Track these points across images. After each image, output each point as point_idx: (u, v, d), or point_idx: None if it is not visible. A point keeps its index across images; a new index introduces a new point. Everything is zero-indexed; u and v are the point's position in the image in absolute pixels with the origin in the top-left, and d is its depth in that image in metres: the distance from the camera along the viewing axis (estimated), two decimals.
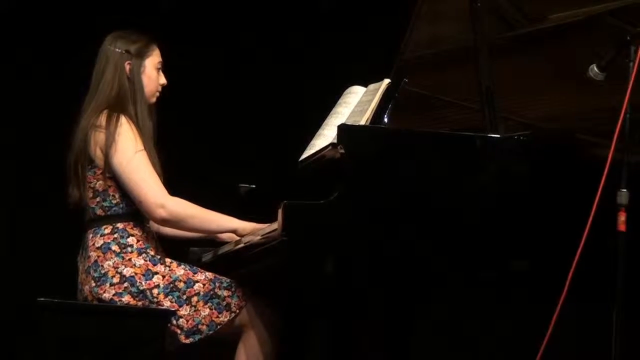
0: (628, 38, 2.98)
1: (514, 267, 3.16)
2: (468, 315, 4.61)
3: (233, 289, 3.35)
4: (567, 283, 2.90)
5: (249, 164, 4.72)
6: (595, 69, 3.10)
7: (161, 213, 3.30)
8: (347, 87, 3.58)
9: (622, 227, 2.89)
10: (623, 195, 2.90)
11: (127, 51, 3.41)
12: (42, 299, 3.23)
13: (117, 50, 3.41)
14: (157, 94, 3.48)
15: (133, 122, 3.35)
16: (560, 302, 2.89)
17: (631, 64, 2.94)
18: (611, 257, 2.91)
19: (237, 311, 3.34)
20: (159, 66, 3.47)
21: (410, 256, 3.08)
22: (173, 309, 3.27)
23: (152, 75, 3.45)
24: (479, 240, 3.11)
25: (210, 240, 3.63)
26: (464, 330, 4.72)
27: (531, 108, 3.67)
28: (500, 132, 3.25)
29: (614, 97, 3.03)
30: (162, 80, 3.49)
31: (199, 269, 3.37)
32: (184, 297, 3.30)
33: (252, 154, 4.85)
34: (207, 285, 3.32)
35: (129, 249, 3.33)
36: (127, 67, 3.41)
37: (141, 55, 3.43)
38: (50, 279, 4.48)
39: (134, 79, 3.40)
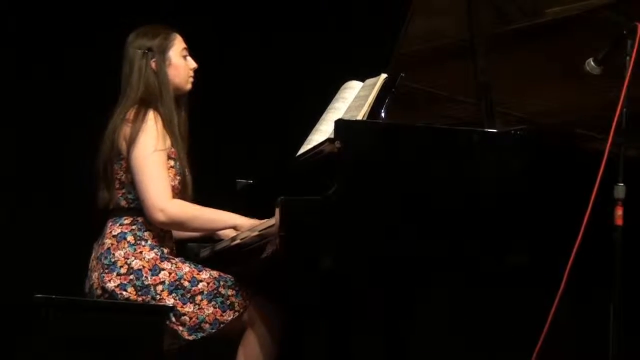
0: (624, 32, 2.98)
1: (513, 261, 3.16)
2: (468, 310, 4.61)
3: (237, 288, 3.35)
4: (565, 276, 2.90)
5: (247, 159, 4.73)
6: (592, 62, 3.11)
7: (160, 217, 3.31)
8: (344, 82, 3.57)
9: (619, 221, 2.89)
10: (620, 190, 2.90)
11: (150, 49, 3.43)
12: (39, 295, 3.23)
13: (139, 51, 3.43)
14: (191, 79, 3.50)
15: (163, 117, 3.37)
16: (559, 295, 2.90)
17: (628, 58, 2.95)
18: (609, 251, 2.92)
19: (241, 310, 3.34)
20: (185, 53, 3.49)
21: (409, 251, 3.08)
22: (170, 305, 3.28)
23: (179, 64, 3.46)
24: (478, 234, 3.11)
25: (208, 236, 3.63)
26: (464, 326, 4.72)
27: (528, 102, 3.66)
28: (498, 127, 3.25)
29: (611, 91, 3.03)
30: (192, 64, 3.50)
31: (204, 267, 3.37)
32: (188, 295, 3.30)
33: (250, 150, 4.85)
34: (211, 284, 3.33)
35: (143, 242, 3.35)
36: (153, 64, 3.42)
37: (163, 49, 3.44)
38: (49, 276, 4.48)
39: (161, 75, 3.41)
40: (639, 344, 3.44)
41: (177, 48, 3.47)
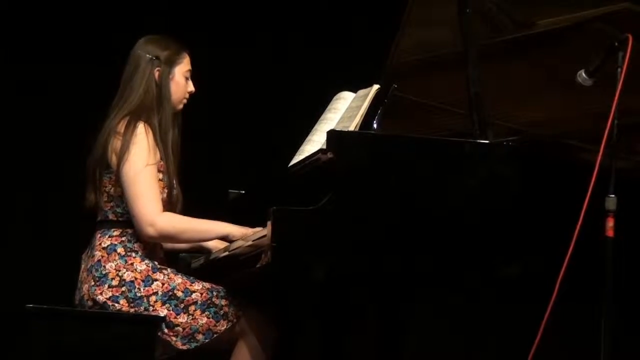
0: (616, 44, 2.99)
1: (504, 272, 3.16)
2: (458, 318, 4.62)
3: (230, 299, 3.35)
4: (556, 288, 2.90)
5: (239, 169, 4.72)
6: (584, 74, 3.12)
7: (150, 231, 3.31)
8: (337, 93, 3.58)
9: (610, 232, 2.90)
10: (611, 201, 2.91)
11: (157, 57, 3.42)
12: (30, 305, 3.22)
13: (147, 55, 3.42)
14: (185, 101, 3.50)
15: (153, 130, 3.37)
16: (549, 307, 2.90)
17: (619, 69, 2.96)
18: (601, 262, 2.93)
19: (235, 320, 3.34)
20: (188, 74, 3.49)
21: (400, 261, 3.08)
22: (162, 315, 3.27)
23: (180, 82, 3.46)
24: (468, 244, 3.11)
25: (197, 249, 3.63)
26: (456, 333, 4.73)
27: (520, 113, 3.68)
28: (490, 138, 3.26)
29: (603, 103, 3.04)
30: (191, 87, 3.50)
31: (196, 279, 3.37)
32: (182, 305, 3.30)
33: (242, 160, 4.85)
34: (204, 295, 3.32)
35: (134, 254, 3.34)
36: (157, 74, 3.42)
37: (171, 62, 3.44)
38: (40, 286, 4.47)
39: (162, 86, 3.41)
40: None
41: (183, 67, 3.47)
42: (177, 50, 3.46)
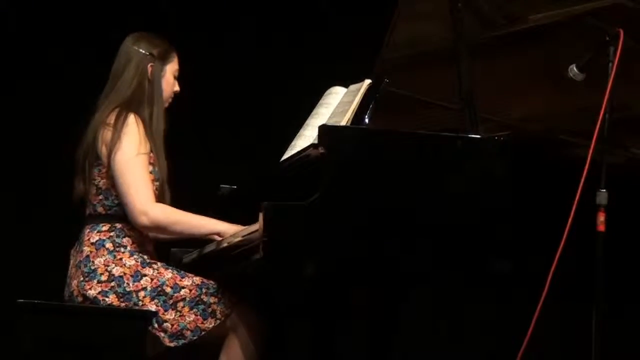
0: (607, 39, 2.99)
1: (496, 267, 3.16)
2: (450, 315, 4.63)
3: (220, 296, 3.35)
4: (548, 283, 2.91)
5: (231, 164, 4.72)
6: (575, 69, 3.12)
7: (143, 220, 3.31)
8: (329, 87, 3.58)
9: (601, 227, 2.90)
10: (602, 196, 2.91)
11: (151, 54, 3.43)
12: (21, 300, 3.22)
13: (140, 51, 3.43)
14: (170, 100, 3.51)
15: (144, 122, 3.37)
16: (541, 302, 2.91)
17: (610, 64, 2.96)
18: (592, 257, 2.93)
19: (223, 318, 3.34)
20: (176, 74, 3.51)
21: (392, 256, 3.08)
22: (153, 310, 3.27)
23: (169, 80, 3.48)
24: (460, 240, 3.11)
25: (191, 241, 3.62)
26: (450, 332, 4.74)
27: (512, 108, 3.68)
28: (481, 133, 3.26)
29: (594, 98, 3.04)
30: (177, 87, 3.52)
31: (187, 273, 3.37)
32: (170, 301, 3.30)
33: (233, 155, 4.84)
34: (193, 291, 3.32)
35: (122, 249, 3.34)
36: (150, 69, 3.43)
37: (164, 59, 3.46)
38: (31, 281, 4.47)
39: (155, 82, 3.43)
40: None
41: (173, 66, 3.49)
42: (168, 49, 3.49)
